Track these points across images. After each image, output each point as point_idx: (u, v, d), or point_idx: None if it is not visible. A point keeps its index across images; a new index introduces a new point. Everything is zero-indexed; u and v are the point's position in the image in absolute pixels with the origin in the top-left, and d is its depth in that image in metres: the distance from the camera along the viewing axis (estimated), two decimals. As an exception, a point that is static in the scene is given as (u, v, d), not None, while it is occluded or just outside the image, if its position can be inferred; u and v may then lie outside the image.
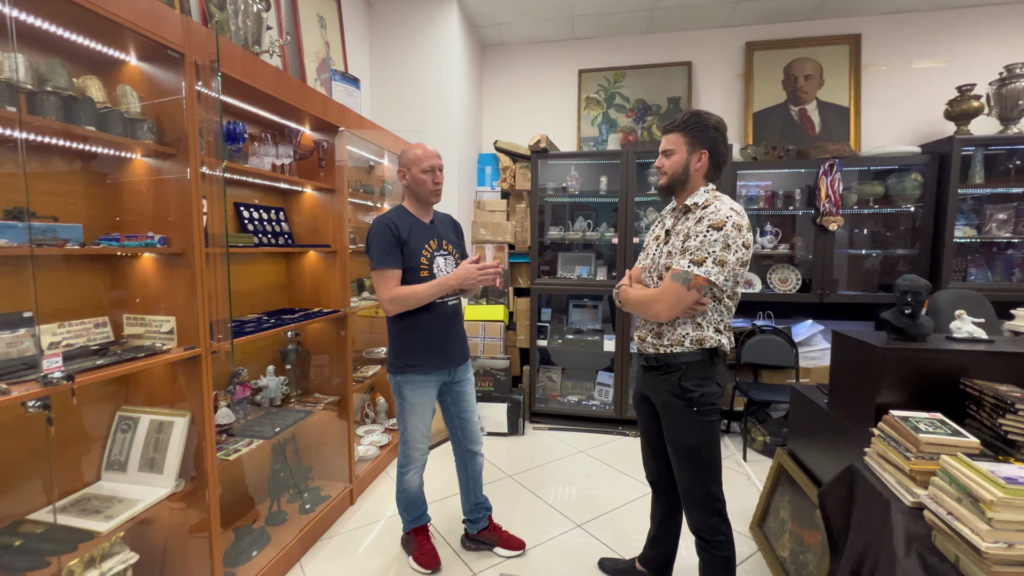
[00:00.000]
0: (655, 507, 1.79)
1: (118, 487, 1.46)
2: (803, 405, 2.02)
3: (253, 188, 2.18)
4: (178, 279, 1.48)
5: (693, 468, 1.45)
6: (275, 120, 2.09)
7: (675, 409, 1.44)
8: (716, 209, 1.37)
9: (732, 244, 1.34)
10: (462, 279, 1.74)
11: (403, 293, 1.73)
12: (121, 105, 1.38)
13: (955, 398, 1.41)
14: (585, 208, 3.77)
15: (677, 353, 1.44)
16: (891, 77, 3.53)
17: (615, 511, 2.40)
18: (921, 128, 3.48)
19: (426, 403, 1.88)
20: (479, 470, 2.05)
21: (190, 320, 1.48)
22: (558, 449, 3.14)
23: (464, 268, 1.75)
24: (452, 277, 1.75)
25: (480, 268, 1.74)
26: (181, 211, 1.45)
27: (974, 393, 1.33)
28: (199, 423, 1.51)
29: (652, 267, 1.54)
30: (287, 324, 1.95)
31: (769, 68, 3.69)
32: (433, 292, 1.74)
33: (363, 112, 2.70)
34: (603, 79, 3.92)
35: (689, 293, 1.36)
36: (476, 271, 1.74)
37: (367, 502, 2.47)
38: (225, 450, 1.74)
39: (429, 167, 1.80)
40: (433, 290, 1.74)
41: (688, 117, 1.44)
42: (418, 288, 1.74)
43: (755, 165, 3.39)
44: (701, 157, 1.44)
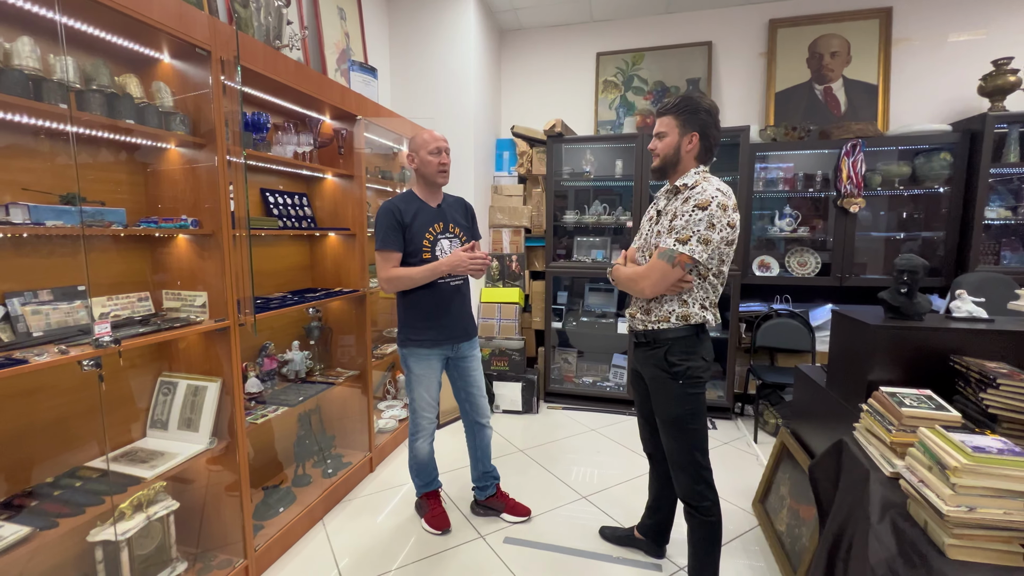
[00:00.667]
0: (652, 478, 1.87)
1: (160, 443, 1.64)
2: (805, 385, 2.04)
3: (278, 175, 2.33)
4: (209, 258, 1.63)
5: (679, 437, 1.52)
6: (296, 110, 2.22)
7: (661, 381, 1.51)
8: (702, 189, 1.42)
9: (716, 223, 1.38)
10: (452, 265, 1.84)
11: (397, 274, 1.85)
12: (156, 100, 1.53)
13: (947, 376, 1.42)
14: (601, 192, 3.80)
15: (664, 329, 1.50)
16: (923, 52, 3.39)
17: (620, 485, 2.48)
18: (954, 105, 3.33)
19: (430, 375, 2.00)
20: (487, 441, 2.17)
21: (220, 295, 1.64)
22: (570, 427, 3.24)
23: (456, 255, 1.85)
24: (443, 263, 1.85)
25: (471, 258, 1.84)
26: (210, 196, 1.60)
27: (962, 370, 1.35)
28: (229, 388, 1.67)
29: (644, 246, 1.59)
30: (309, 301, 2.10)
31: (793, 46, 3.59)
32: (425, 275, 1.85)
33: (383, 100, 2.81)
34: (621, 62, 3.91)
35: (674, 271, 1.41)
36: (466, 259, 1.84)
37: (385, 471, 2.64)
38: (254, 415, 1.91)
39: (435, 149, 1.89)
40: (425, 273, 1.84)
41: (680, 100, 1.48)
42: (412, 271, 1.85)
43: (775, 147, 3.33)
44: (692, 139, 1.48)
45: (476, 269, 1.85)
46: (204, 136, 1.59)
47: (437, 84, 3.51)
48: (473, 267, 1.85)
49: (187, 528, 1.75)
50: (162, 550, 1.60)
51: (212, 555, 1.77)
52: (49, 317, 1.35)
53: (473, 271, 1.86)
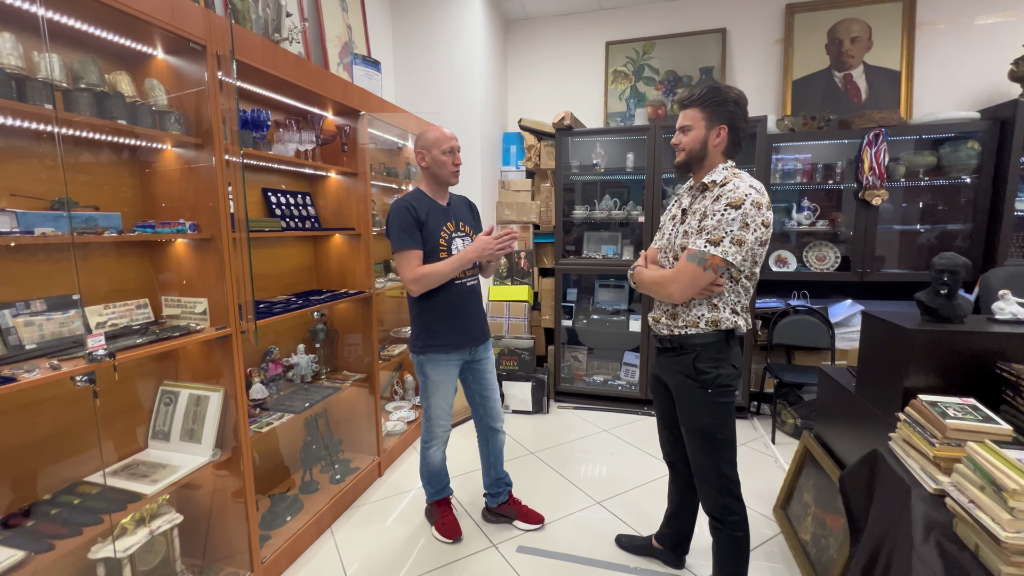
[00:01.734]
0: (672, 486, 1.80)
1: (163, 454, 1.59)
2: (830, 387, 1.96)
3: (280, 174, 2.26)
4: (208, 263, 1.57)
5: (707, 449, 1.44)
6: (297, 106, 2.14)
7: (689, 390, 1.43)
8: (735, 187, 1.32)
9: (751, 223, 1.29)
10: (480, 251, 1.77)
11: (425, 272, 1.77)
12: (149, 98, 1.46)
13: (991, 383, 1.33)
14: (612, 186, 3.70)
15: (692, 335, 1.42)
16: (950, 36, 3.24)
17: (635, 490, 2.41)
18: (982, 92, 3.19)
19: (448, 381, 1.93)
20: (500, 446, 2.11)
21: (220, 301, 1.57)
22: (581, 428, 3.17)
23: (481, 240, 1.78)
24: (470, 250, 1.78)
25: (496, 238, 1.77)
26: (208, 198, 1.53)
27: (1011, 378, 1.26)
28: (232, 397, 1.61)
29: (668, 247, 1.51)
30: (314, 305, 2.03)
31: (811, 31, 3.45)
32: (454, 267, 1.77)
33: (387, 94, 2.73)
34: (631, 51, 3.79)
35: (705, 274, 1.33)
36: (493, 241, 1.76)
37: (394, 474, 2.59)
38: (259, 423, 1.86)
39: (449, 148, 1.81)
40: (454, 265, 1.77)
41: (706, 91, 1.39)
42: (439, 265, 1.77)
43: (792, 137, 3.21)
44: (720, 133, 1.39)
45: (504, 248, 1.77)
46: (201, 135, 1.52)
47: (442, 77, 3.42)
48: (501, 247, 1.77)
49: (192, 540, 1.71)
50: (166, 564, 1.55)
51: (218, 567, 1.72)
52: (43, 328, 1.29)
53: (504, 249, 1.78)
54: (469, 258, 1.78)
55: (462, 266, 1.79)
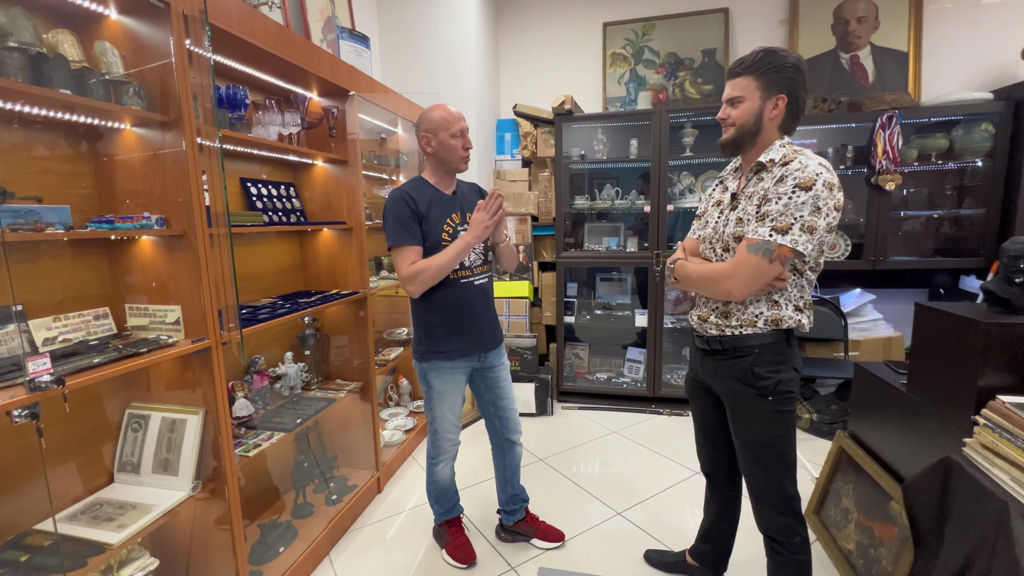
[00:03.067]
0: (710, 499, 1.64)
1: (131, 490, 1.36)
2: (870, 384, 1.83)
3: (261, 162, 2.01)
4: (181, 264, 1.33)
5: (766, 464, 1.27)
6: (279, 84, 1.90)
7: (746, 399, 1.26)
8: (802, 165, 1.15)
9: (823, 207, 1.13)
10: (476, 230, 1.56)
11: (420, 267, 1.56)
12: (101, 65, 1.21)
13: (1079, 381, 1.20)
14: (606, 176, 3.53)
15: (748, 335, 1.25)
16: (957, 14, 3.14)
17: (655, 497, 2.26)
18: (991, 72, 3.11)
19: (455, 391, 1.73)
20: (517, 460, 1.92)
21: (197, 308, 1.34)
22: (590, 430, 3.00)
23: (474, 221, 1.57)
24: (467, 235, 1.57)
25: (485, 208, 1.55)
26: (179, 188, 1.29)
27: (1112, 377, 1.12)
28: (214, 420, 1.38)
29: (715, 237, 1.33)
30: (303, 309, 1.80)
31: (817, 11, 3.32)
32: (452, 257, 1.56)
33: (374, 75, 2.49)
34: (630, 32, 3.60)
35: (771, 267, 1.15)
36: (484, 215, 1.55)
37: (395, 489, 2.38)
38: (244, 445, 1.63)
39: (459, 131, 1.60)
40: (452, 254, 1.55)
41: (762, 55, 1.21)
42: (435, 259, 1.56)
43: (804, 120, 3.07)
44: (777, 104, 1.22)
45: (497, 215, 1.56)
46: (168, 112, 1.28)
47: (433, 58, 3.18)
48: (493, 215, 1.55)
49: (171, 584, 1.48)
50: (141, 616, 1.33)
51: (203, 614, 1.50)
52: (-26, 348, 1.05)
53: (497, 219, 1.57)
54: (468, 242, 1.56)
55: (461, 255, 1.57)
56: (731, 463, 1.52)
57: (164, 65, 1.25)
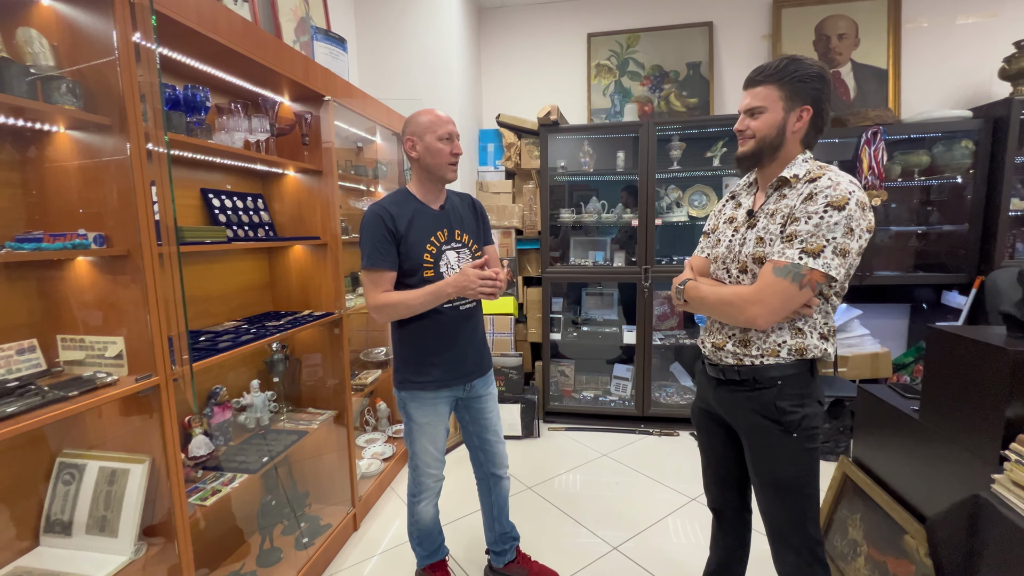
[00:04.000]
0: (718, 538, 1.52)
1: (61, 555, 1.15)
2: (877, 409, 1.75)
3: (225, 171, 1.83)
4: (124, 288, 1.15)
5: (789, 505, 1.16)
6: (246, 87, 1.73)
7: (768, 435, 1.15)
8: (833, 183, 1.06)
9: (856, 228, 1.04)
10: (460, 287, 1.40)
11: (389, 301, 1.42)
12: (25, 56, 1.03)
13: (1111, 413, 1.14)
14: (587, 188, 3.45)
15: (769, 366, 1.14)
16: (933, 35, 3.20)
17: (652, 527, 2.14)
18: (966, 91, 3.17)
19: (436, 423, 1.58)
20: (505, 495, 1.77)
21: (143, 339, 1.16)
22: (578, 453, 2.87)
23: (464, 274, 1.41)
24: (448, 283, 1.42)
25: (482, 277, 1.39)
26: (123, 200, 1.12)
27: None
28: (162, 469, 1.19)
29: (729, 257, 1.23)
30: (271, 334, 1.62)
31: (798, 27, 3.34)
32: (426, 301, 1.42)
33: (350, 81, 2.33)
34: (615, 43, 3.55)
35: (801, 292, 1.05)
36: (476, 279, 1.39)
37: (373, 526, 2.19)
38: (201, 491, 1.44)
39: (446, 134, 1.46)
40: (425, 299, 1.42)
41: (786, 63, 1.12)
42: (408, 296, 1.43)
43: (787, 135, 3.06)
44: (801, 116, 1.13)
45: (488, 292, 1.41)
46: (110, 114, 1.10)
47: (413, 65, 3.05)
48: (485, 289, 1.40)
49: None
50: None
51: None
52: None
53: (484, 294, 1.41)
54: (447, 293, 1.42)
55: (437, 300, 1.43)
56: (743, 500, 1.42)
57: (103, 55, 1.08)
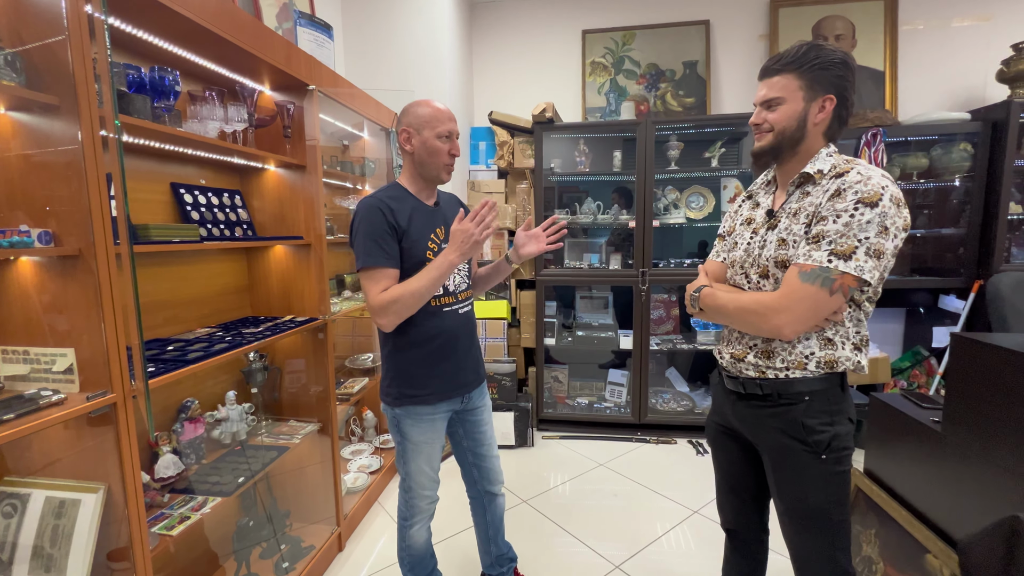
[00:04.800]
0: (732, 561, 1.42)
1: (-2, 600, 1.00)
2: (892, 420, 1.67)
3: (199, 164, 1.68)
4: (75, 293, 1.01)
5: (816, 533, 1.07)
6: (221, 73, 1.59)
7: (794, 456, 1.06)
8: (863, 177, 0.97)
9: (891, 227, 0.94)
10: (461, 243, 1.25)
11: (393, 295, 1.26)
12: (-46, 24, 0.89)
13: None
14: (576, 189, 3.36)
15: (796, 379, 1.04)
16: (929, 37, 3.18)
17: (655, 543, 2.04)
18: (962, 93, 3.15)
19: (434, 440, 1.46)
20: (501, 514, 1.66)
21: (97, 352, 1.02)
22: (574, 463, 2.77)
23: (456, 229, 1.26)
24: (450, 249, 1.26)
25: (473, 219, 1.25)
26: (74, 193, 0.98)
27: None
28: (120, 498, 1.05)
29: (748, 261, 1.13)
30: (249, 343, 1.48)
31: (796, 28, 3.29)
32: (433, 279, 1.26)
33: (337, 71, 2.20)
34: (610, 41, 3.47)
35: (832, 299, 0.96)
36: (472, 226, 1.25)
37: (359, 546, 2.05)
38: (168, 519, 1.29)
39: (446, 132, 1.34)
40: (432, 276, 1.26)
41: (806, 49, 1.03)
42: (409, 282, 1.27)
43: (785, 136, 3.01)
44: (824, 106, 1.04)
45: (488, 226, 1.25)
46: (59, 93, 0.97)
47: (404, 56, 2.92)
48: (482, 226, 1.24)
49: None
50: None
51: None
52: None
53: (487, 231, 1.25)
54: (452, 261, 1.26)
55: (443, 276, 1.27)
56: (761, 521, 1.32)
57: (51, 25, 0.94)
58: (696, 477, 2.56)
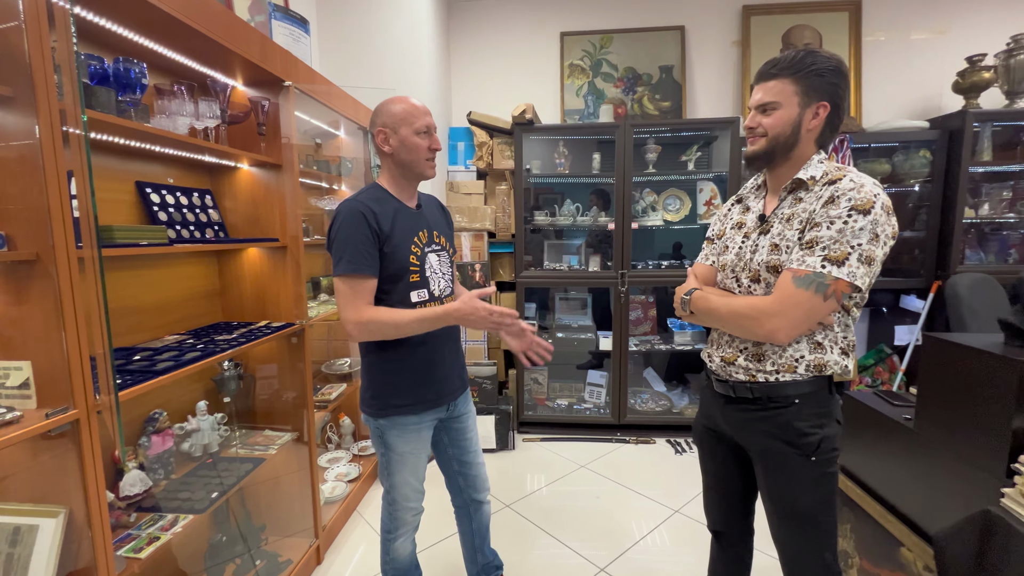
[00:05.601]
0: (719, 561, 1.43)
1: (-57, 640, 0.91)
2: (865, 417, 1.73)
3: (166, 162, 1.59)
4: (32, 300, 0.93)
5: (806, 534, 1.09)
6: (191, 66, 1.51)
7: (784, 458, 1.07)
8: (856, 185, 0.99)
9: (882, 234, 0.97)
10: (469, 315, 1.21)
11: (378, 318, 1.23)
12: None
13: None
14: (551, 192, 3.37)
15: (786, 383, 1.06)
16: (890, 48, 3.33)
17: (639, 544, 2.05)
18: (921, 103, 3.31)
19: (419, 451, 1.42)
20: (487, 522, 1.63)
21: (57, 364, 0.94)
22: (556, 465, 2.76)
23: (473, 304, 1.22)
24: (455, 310, 1.23)
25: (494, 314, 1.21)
26: (30, 193, 0.90)
27: None
28: (82, 522, 0.97)
29: (739, 265, 1.14)
30: (223, 351, 1.41)
31: (766, 35, 3.39)
32: (420, 321, 1.24)
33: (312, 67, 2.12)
34: (588, 44, 3.49)
35: (826, 304, 0.97)
36: (489, 315, 1.21)
37: (338, 557, 1.99)
38: (135, 540, 1.21)
39: (424, 127, 1.31)
40: (422, 324, 1.24)
41: (802, 55, 1.04)
42: (400, 316, 1.23)
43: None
44: (818, 112, 1.06)
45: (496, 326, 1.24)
46: (15, 84, 0.89)
47: (381, 53, 2.85)
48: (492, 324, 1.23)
49: None
50: None
51: None
52: None
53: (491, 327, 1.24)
54: (450, 318, 1.24)
55: (433, 326, 1.25)
56: (747, 522, 1.34)
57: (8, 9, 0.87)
58: (676, 476, 2.59)
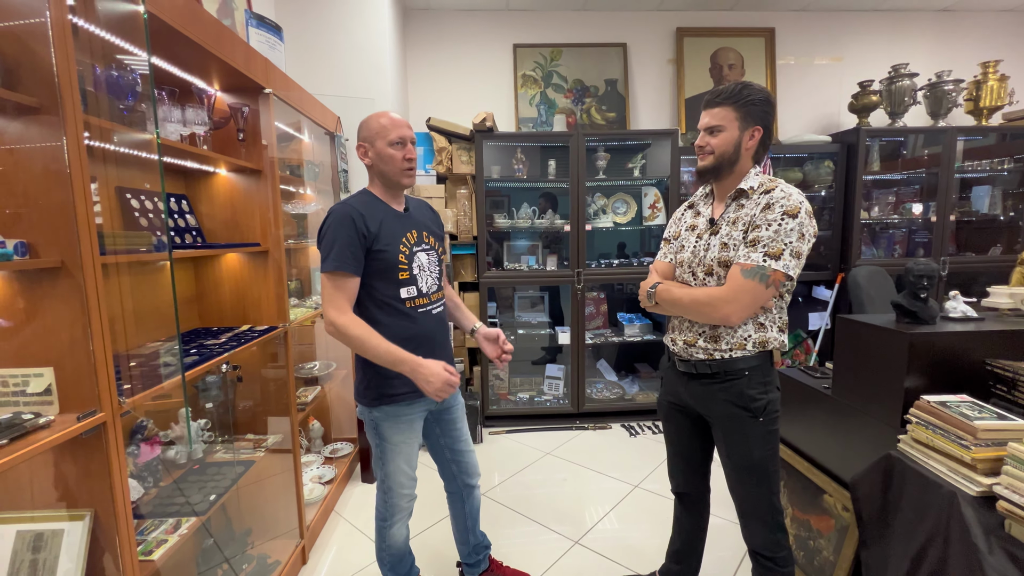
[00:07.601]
0: (682, 519, 1.66)
1: (-32, 650, 0.90)
2: (792, 388, 2.03)
3: (143, 167, 1.56)
4: (56, 308, 0.94)
5: (758, 483, 1.32)
6: (172, 72, 1.51)
7: (738, 421, 1.30)
8: (786, 194, 1.23)
9: (806, 233, 1.22)
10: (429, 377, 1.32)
11: (351, 326, 1.32)
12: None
13: (975, 379, 1.46)
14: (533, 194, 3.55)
15: (737, 358, 1.28)
16: (799, 71, 3.81)
17: (606, 518, 2.25)
18: (824, 119, 3.82)
19: (411, 440, 1.52)
20: (478, 505, 1.75)
21: (79, 370, 0.96)
22: (523, 454, 2.92)
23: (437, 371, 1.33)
24: (420, 366, 1.32)
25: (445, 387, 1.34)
26: (54, 200, 0.92)
27: (1006, 374, 1.38)
28: (108, 525, 0.99)
29: (695, 261, 1.36)
30: (216, 355, 1.43)
31: (697, 55, 3.76)
32: (386, 359, 1.33)
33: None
34: (539, 56, 3.69)
35: (768, 291, 1.21)
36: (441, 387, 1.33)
37: (323, 556, 2.02)
38: (144, 543, 1.22)
39: (398, 138, 1.42)
40: (388, 357, 1.32)
41: (740, 88, 1.27)
42: (374, 339, 1.32)
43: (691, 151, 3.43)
44: (754, 135, 1.29)
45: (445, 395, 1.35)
46: (39, 94, 0.90)
47: (342, 59, 2.87)
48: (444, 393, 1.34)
49: None
50: None
51: None
52: None
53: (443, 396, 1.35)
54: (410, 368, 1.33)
55: (394, 365, 1.34)
56: (705, 483, 1.57)
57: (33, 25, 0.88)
58: (633, 456, 2.84)
